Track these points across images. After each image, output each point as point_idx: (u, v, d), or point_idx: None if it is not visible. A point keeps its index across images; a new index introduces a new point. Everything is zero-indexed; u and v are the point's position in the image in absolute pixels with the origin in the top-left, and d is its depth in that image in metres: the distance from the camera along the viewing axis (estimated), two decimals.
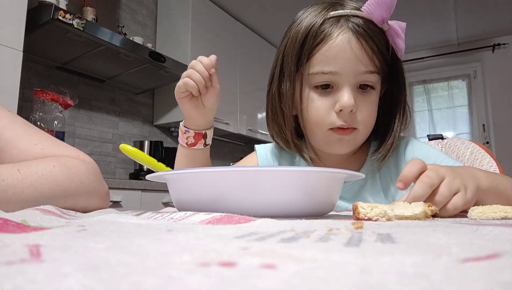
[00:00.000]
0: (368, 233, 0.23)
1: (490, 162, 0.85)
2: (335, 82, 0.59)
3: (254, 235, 0.22)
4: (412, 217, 0.35)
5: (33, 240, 0.19)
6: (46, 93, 1.80)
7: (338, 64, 0.58)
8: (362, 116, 0.61)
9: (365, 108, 0.61)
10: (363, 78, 0.59)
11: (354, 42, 0.58)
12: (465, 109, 3.86)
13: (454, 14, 3.22)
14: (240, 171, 0.38)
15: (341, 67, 0.58)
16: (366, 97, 0.61)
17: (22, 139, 0.53)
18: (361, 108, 0.60)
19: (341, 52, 0.58)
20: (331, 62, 0.58)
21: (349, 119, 0.60)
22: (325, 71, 0.59)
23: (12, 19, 1.52)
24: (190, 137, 0.68)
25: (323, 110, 0.60)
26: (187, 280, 0.11)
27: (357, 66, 0.58)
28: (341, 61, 0.58)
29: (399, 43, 0.60)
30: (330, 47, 0.58)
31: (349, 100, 0.58)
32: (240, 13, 3.15)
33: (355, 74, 0.59)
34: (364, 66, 0.58)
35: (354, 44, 0.58)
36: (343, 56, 0.58)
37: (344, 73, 0.58)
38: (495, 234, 0.22)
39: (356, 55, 0.58)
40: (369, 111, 0.61)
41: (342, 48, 0.58)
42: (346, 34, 0.58)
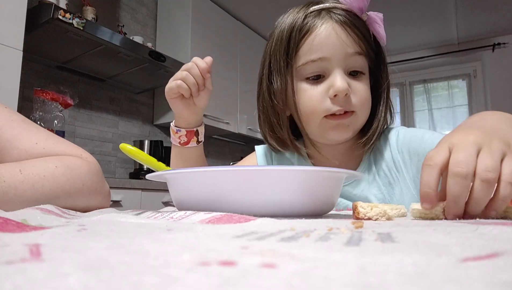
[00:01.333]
0: (368, 232, 0.23)
1: None
2: (325, 69, 0.60)
3: (254, 234, 0.22)
4: (432, 215, 0.35)
5: (33, 239, 0.19)
6: (46, 92, 1.80)
7: (325, 49, 0.59)
8: (358, 99, 0.60)
9: (359, 91, 0.61)
10: (352, 61, 0.60)
11: (338, 28, 0.59)
12: (465, 108, 3.86)
13: (454, 13, 3.22)
14: (240, 171, 0.38)
15: (329, 52, 0.59)
16: (358, 81, 0.61)
17: (22, 140, 0.52)
18: (355, 91, 0.60)
19: (327, 38, 0.59)
20: (318, 50, 0.59)
21: (344, 103, 0.59)
22: (313, 58, 0.59)
23: (12, 19, 1.52)
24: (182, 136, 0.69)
25: (317, 98, 0.60)
26: (187, 279, 0.11)
27: (344, 49, 0.59)
28: (328, 46, 0.59)
29: (380, 30, 0.61)
30: (316, 36, 0.59)
31: (343, 83, 0.58)
32: (240, 12, 3.14)
33: (343, 56, 0.59)
34: (351, 48, 0.59)
35: (338, 30, 0.59)
36: (329, 41, 0.59)
37: (332, 57, 0.59)
38: (495, 234, 0.22)
39: (341, 39, 0.59)
40: (364, 93, 0.61)
41: (327, 35, 0.59)
42: (329, 23, 0.60)
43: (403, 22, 3.36)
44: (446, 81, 3.99)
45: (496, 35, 3.61)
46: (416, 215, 0.36)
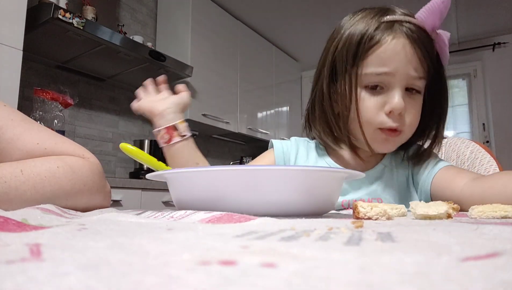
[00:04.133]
0: (368, 232, 0.23)
1: (490, 161, 0.85)
2: (387, 82, 0.60)
3: (254, 234, 0.22)
4: (436, 217, 0.35)
5: (33, 239, 0.19)
6: (46, 92, 1.80)
7: (392, 65, 0.59)
8: (410, 119, 0.62)
9: (412, 111, 0.62)
10: (412, 82, 0.61)
11: (408, 47, 0.59)
12: (465, 108, 3.86)
13: (454, 13, 3.21)
14: (240, 170, 0.38)
15: (395, 69, 0.59)
16: (413, 100, 0.62)
17: (23, 140, 0.51)
18: (409, 111, 0.62)
19: (396, 55, 0.59)
20: (385, 64, 0.59)
21: (398, 121, 0.61)
22: (379, 72, 0.60)
23: (12, 18, 1.52)
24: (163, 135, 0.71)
25: (373, 109, 0.61)
26: (188, 278, 0.11)
27: (409, 70, 0.59)
28: (395, 63, 0.59)
29: (446, 51, 0.62)
30: (385, 49, 0.59)
31: (400, 102, 0.59)
32: (240, 12, 3.14)
33: (406, 77, 0.60)
34: (415, 71, 0.60)
35: (408, 49, 0.59)
36: (397, 58, 0.59)
37: (396, 74, 0.59)
38: (495, 233, 0.22)
39: (409, 59, 0.59)
40: (416, 114, 0.63)
41: (397, 51, 0.59)
42: (401, 39, 0.59)
43: None
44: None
45: (497, 35, 3.61)
46: (420, 218, 0.36)
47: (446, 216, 0.35)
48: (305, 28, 3.40)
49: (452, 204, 0.36)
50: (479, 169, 0.85)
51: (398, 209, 0.41)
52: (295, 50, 3.84)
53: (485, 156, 0.86)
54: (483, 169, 0.84)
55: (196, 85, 2.61)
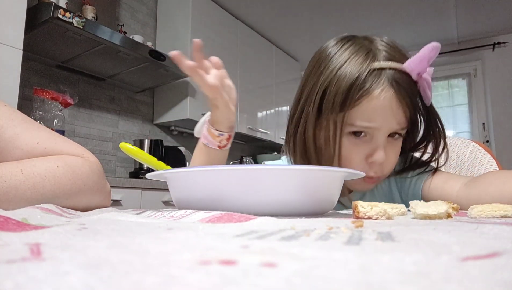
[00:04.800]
0: (368, 231, 0.23)
1: (490, 161, 0.85)
2: (371, 133, 0.61)
3: (255, 233, 0.22)
4: (436, 216, 0.35)
5: (33, 238, 0.19)
6: (46, 91, 1.80)
7: (379, 121, 0.59)
8: (390, 164, 0.63)
9: (392, 157, 0.63)
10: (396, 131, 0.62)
11: (394, 101, 0.59)
12: (465, 107, 3.86)
13: (454, 12, 3.21)
14: (240, 170, 0.38)
15: (380, 124, 0.60)
16: (394, 145, 0.63)
17: (23, 139, 0.51)
18: (389, 157, 0.62)
19: (383, 111, 0.59)
20: (372, 119, 0.59)
21: (378, 170, 0.62)
22: (365, 126, 0.60)
23: (11, 18, 1.52)
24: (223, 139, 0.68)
25: (356, 159, 0.62)
26: (188, 278, 0.11)
27: (393, 124, 0.60)
28: (381, 118, 0.59)
29: (428, 93, 0.61)
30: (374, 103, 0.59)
31: (383, 156, 0.60)
32: (240, 11, 3.14)
33: (390, 129, 0.61)
34: (399, 124, 0.61)
35: (394, 103, 0.59)
36: (384, 114, 0.59)
37: (381, 129, 0.60)
38: (495, 233, 0.22)
39: (394, 114, 0.59)
40: (395, 157, 0.64)
41: (384, 107, 0.59)
42: (388, 92, 0.58)
43: (403, 21, 3.36)
44: (446, 80, 3.98)
45: (496, 34, 3.61)
46: (419, 217, 0.36)
47: (446, 216, 0.35)
48: (305, 28, 3.40)
49: (452, 204, 0.36)
50: (479, 169, 0.85)
51: (398, 208, 0.41)
52: (295, 50, 3.84)
53: (485, 156, 0.86)
54: (483, 169, 0.84)
55: (196, 84, 2.60)
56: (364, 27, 3.33)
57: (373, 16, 3.23)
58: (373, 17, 3.24)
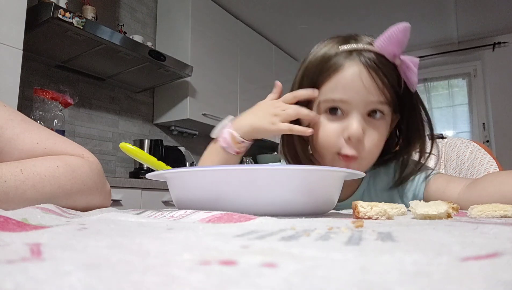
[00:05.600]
0: (368, 231, 0.23)
1: (490, 161, 0.85)
2: (345, 109, 0.61)
3: (255, 233, 0.22)
4: (436, 216, 0.35)
5: (33, 238, 0.19)
6: (46, 91, 1.80)
7: (348, 93, 0.60)
8: (369, 145, 0.61)
9: (372, 136, 0.61)
10: (374, 106, 0.61)
11: (364, 74, 0.59)
12: (465, 107, 3.86)
13: (454, 12, 3.21)
14: (240, 170, 0.38)
15: (351, 97, 0.59)
16: (375, 125, 0.62)
17: (23, 140, 0.51)
18: (369, 136, 0.61)
19: (351, 82, 0.59)
20: (341, 91, 0.60)
21: (356, 148, 0.60)
22: (335, 98, 0.60)
23: (12, 18, 1.52)
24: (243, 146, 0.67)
25: (332, 135, 0.61)
26: (188, 278, 0.11)
27: (367, 96, 0.59)
28: (351, 91, 0.59)
29: (411, 76, 0.60)
30: (341, 77, 0.60)
31: (358, 129, 0.59)
32: (240, 11, 3.14)
33: (364, 103, 0.60)
34: (374, 96, 0.60)
35: (364, 76, 0.59)
36: (353, 86, 0.59)
37: (353, 102, 0.60)
38: (495, 233, 0.22)
39: (365, 86, 0.59)
40: (377, 139, 0.62)
41: (353, 79, 0.59)
42: (357, 67, 0.59)
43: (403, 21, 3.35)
44: (446, 80, 3.98)
45: (496, 34, 3.61)
46: (420, 217, 0.36)
47: (446, 216, 0.35)
48: (305, 28, 3.40)
49: (452, 204, 0.36)
50: (479, 169, 0.85)
51: (398, 208, 0.41)
52: (295, 49, 3.84)
53: (485, 156, 0.86)
54: (483, 169, 0.84)
55: (196, 84, 2.61)
56: (364, 27, 3.32)
57: (373, 16, 3.23)
58: (373, 17, 3.24)
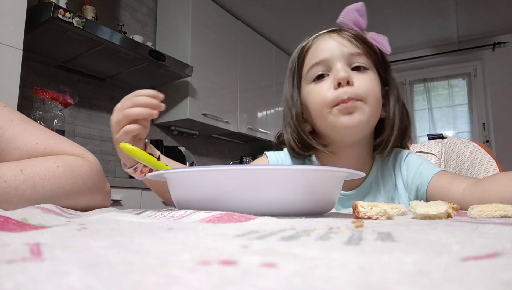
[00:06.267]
0: (368, 231, 0.23)
1: (490, 161, 0.85)
2: (328, 67, 0.65)
3: (255, 233, 0.22)
4: (436, 216, 0.35)
5: (33, 238, 0.19)
6: (46, 91, 1.80)
7: (325, 52, 0.66)
8: (363, 88, 0.63)
9: (363, 81, 0.63)
10: (353, 58, 0.65)
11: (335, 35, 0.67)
12: (465, 107, 3.86)
13: (454, 12, 3.21)
14: (240, 170, 0.38)
15: (328, 53, 0.65)
16: (362, 74, 0.65)
17: (22, 140, 0.51)
18: (359, 81, 0.63)
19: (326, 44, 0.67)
20: (318, 54, 0.67)
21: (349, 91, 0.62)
22: (316, 61, 0.66)
23: (12, 18, 1.52)
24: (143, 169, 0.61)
25: (323, 91, 0.64)
26: (188, 278, 0.11)
27: (343, 48, 0.65)
28: (327, 49, 0.66)
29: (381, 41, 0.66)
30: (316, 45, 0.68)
31: (343, 70, 0.62)
32: (240, 11, 3.14)
33: (343, 54, 0.64)
34: (349, 48, 0.65)
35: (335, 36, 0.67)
36: (328, 45, 0.66)
37: (332, 56, 0.65)
38: (495, 233, 0.22)
39: (339, 43, 0.65)
40: (368, 83, 0.64)
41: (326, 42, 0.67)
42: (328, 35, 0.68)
43: (404, 21, 3.36)
44: (446, 80, 3.98)
45: (497, 34, 3.61)
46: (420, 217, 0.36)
47: (446, 216, 0.35)
48: (305, 28, 3.39)
49: (452, 204, 0.36)
50: (479, 169, 0.85)
51: (398, 208, 0.41)
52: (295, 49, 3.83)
53: (485, 156, 0.86)
54: (483, 169, 0.84)
55: (196, 84, 2.61)
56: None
57: (373, 16, 3.22)
58: (373, 17, 3.23)
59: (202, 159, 3.06)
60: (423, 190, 0.65)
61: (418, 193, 0.66)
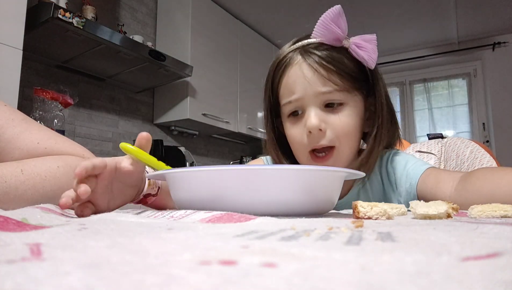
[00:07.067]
0: (368, 231, 0.23)
1: (490, 161, 0.85)
2: (301, 107, 0.63)
3: (255, 233, 0.22)
4: (436, 216, 0.35)
5: (33, 238, 0.19)
6: (46, 91, 1.80)
7: (297, 90, 0.63)
8: (335, 132, 0.62)
9: (336, 124, 0.62)
10: (326, 97, 0.62)
11: (305, 68, 0.62)
12: (465, 107, 3.86)
13: (454, 12, 3.21)
14: (240, 170, 0.38)
15: (300, 92, 0.62)
16: (336, 114, 0.62)
17: (23, 139, 0.51)
18: (332, 125, 0.62)
19: (297, 80, 0.63)
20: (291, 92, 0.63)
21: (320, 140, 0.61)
22: (290, 100, 0.64)
23: (11, 18, 1.52)
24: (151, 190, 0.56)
25: (297, 135, 0.64)
26: (188, 278, 0.11)
27: (315, 88, 0.61)
28: (298, 87, 0.62)
29: (363, 54, 0.61)
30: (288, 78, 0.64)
31: (314, 119, 0.60)
32: (240, 11, 3.14)
33: (315, 95, 0.61)
34: (320, 87, 0.61)
35: (306, 70, 0.62)
36: (298, 82, 0.63)
37: (305, 97, 0.62)
38: (495, 233, 0.22)
39: (310, 79, 0.61)
40: (342, 126, 0.62)
41: (297, 77, 0.63)
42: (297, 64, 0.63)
43: (403, 21, 3.36)
44: (446, 80, 3.98)
45: (496, 34, 3.61)
46: (420, 217, 0.36)
47: (446, 216, 0.35)
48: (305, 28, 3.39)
49: (451, 204, 0.36)
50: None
51: (398, 208, 0.41)
52: None
53: (484, 156, 0.86)
54: None
55: (196, 84, 2.61)
56: (364, 27, 3.33)
57: (372, 17, 3.23)
58: (372, 17, 3.24)
59: (202, 159, 3.06)
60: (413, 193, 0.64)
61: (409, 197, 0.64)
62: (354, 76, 0.63)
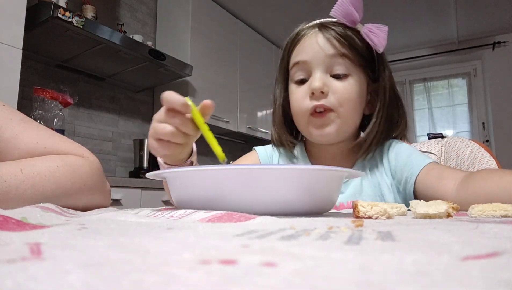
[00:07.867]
0: (368, 231, 0.23)
1: (490, 160, 0.85)
2: (308, 71, 0.67)
3: (254, 233, 0.22)
4: (436, 216, 0.35)
5: (33, 238, 0.19)
6: (45, 91, 1.80)
7: (306, 53, 0.67)
8: (336, 97, 0.65)
9: (339, 90, 0.65)
10: (333, 62, 0.65)
11: (320, 36, 0.67)
12: (465, 107, 3.86)
13: (454, 12, 3.21)
14: (240, 169, 0.38)
15: (309, 55, 0.67)
16: (341, 82, 0.66)
17: (22, 139, 0.51)
18: (335, 91, 0.65)
19: (309, 44, 0.67)
20: (300, 54, 0.68)
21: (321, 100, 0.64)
22: (296, 61, 0.68)
23: (11, 17, 1.52)
24: None
25: (300, 97, 0.67)
26: (188, 278, 0.11)
27: (323, 51, 0.66)
28: (308, 50, 0.67)
29: (374, 38, 0.65)
30: (301, 44, 0.69)
31: (317, 81, 0.64)
32: (240, 11, 3.14)
33: (323, 59, 0.65)
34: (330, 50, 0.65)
35: (320, 37, 0.67)
36: (310, 46, 0.67)
37: (312, 60, 0.66)
38: (495, 232, 0.22)
39: (321, 44, 0.66)
40: (344, 92, 0.65)
41: (310, 42, 0.68)
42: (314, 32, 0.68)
43: (404, 21, 3.35)
44: (446, 80, 3.98)
45: (496, 34, 3.61)
46: (420, 217, 0.36)
47: (446, 215, 0.35)
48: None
49: (452, 204, 0.36)
50: (479, 168, 0.85)
51: (398, 208, 0.41)
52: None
53: (484, 156, 0.86)
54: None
55: (196, 84, 2.61)
56: None
57: (373, 17, 3.23)
58: (373, 17, 3.23)
59: (202, 159, 3.05)
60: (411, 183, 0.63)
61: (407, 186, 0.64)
62: (362, 55, 0.67)
